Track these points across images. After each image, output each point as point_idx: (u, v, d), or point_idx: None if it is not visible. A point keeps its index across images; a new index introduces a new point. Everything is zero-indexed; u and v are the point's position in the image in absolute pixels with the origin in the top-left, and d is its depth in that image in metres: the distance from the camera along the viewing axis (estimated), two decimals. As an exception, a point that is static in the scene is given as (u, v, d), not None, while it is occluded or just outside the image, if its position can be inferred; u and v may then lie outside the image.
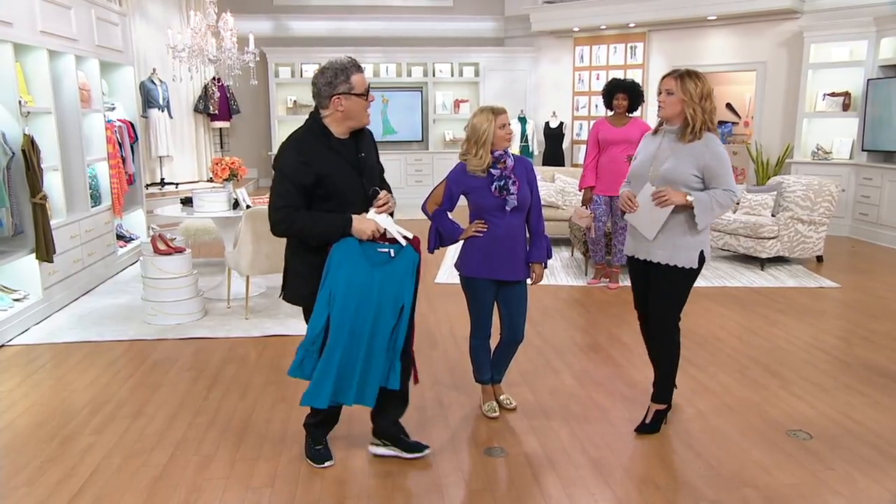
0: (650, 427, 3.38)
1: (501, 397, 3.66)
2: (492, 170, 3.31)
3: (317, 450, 3.09)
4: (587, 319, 5.27)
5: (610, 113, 6.06)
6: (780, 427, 3.41)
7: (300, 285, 2.90)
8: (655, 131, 3.38)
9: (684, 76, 3.14)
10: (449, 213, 3.48)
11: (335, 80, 2.74)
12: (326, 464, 3.06)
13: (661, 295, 3.30)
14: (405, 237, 2.85)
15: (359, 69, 2.79)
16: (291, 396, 3.81)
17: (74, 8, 5.79)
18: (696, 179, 3.13)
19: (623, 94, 5.88)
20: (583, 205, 6.16)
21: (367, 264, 2.78)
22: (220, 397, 3.82)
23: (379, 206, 2.83)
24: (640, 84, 6.62)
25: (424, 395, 3.83)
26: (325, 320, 2.76)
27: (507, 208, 3.29)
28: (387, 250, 2.82)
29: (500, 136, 3.30)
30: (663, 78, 3.26)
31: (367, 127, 2.96)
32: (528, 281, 3.47)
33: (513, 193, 3.29)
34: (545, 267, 3.47)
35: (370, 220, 2.77)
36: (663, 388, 3.41)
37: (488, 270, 3.37)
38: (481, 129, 3.29)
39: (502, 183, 3.28)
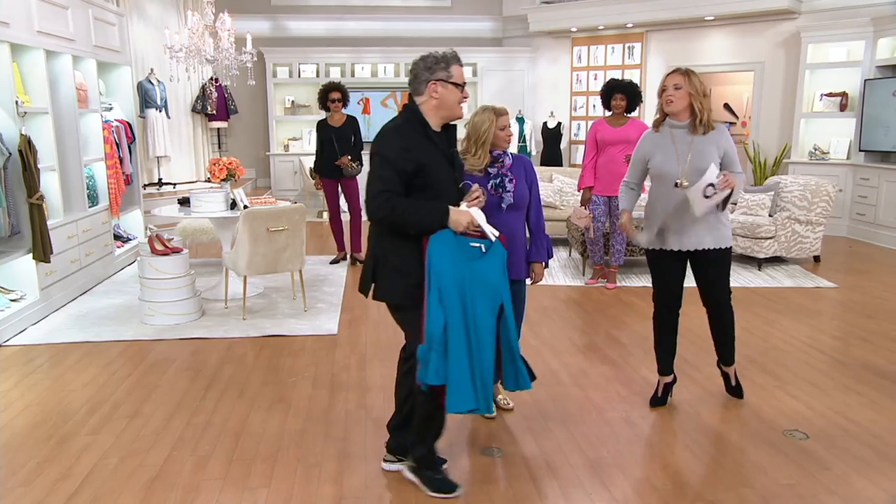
0: (740, 389, 3.72)
1: (499, 397, 3.66)
2: (489, 168, 3.31)
3: (439, 479, 2.87)
4: (585, 320, 5.27)
5: (608, 113, 6.06)
6: (776, 427, 3.41)
7: (396, 280, 2.72)
8: (657, 128, 3.42)
9: (690, 72, 3.35)
10: None
11: (435, 66, 2.71)
12: (458, 491, 2.83)
13: (719, 277, 3.57)
14: (493, 234, 2.75)
15: (459, 62, 2.76)
16: (289, 397, 3.82)
17: (71, 8, 5.78)
18: (718, 166, 3.36)
19: (621, 95, 5.88)
20: (581, 205, 6.17)
21: (464, 258, 2.66)
22: (217, 397, 3.82)
23: (472, 200, 2.79)
24: (638, 84, 6.62)
25: (422, 396, 3.82)
26: (443, 318, 2.60)
27: (503, 206, 3.29)
28: (478, 245, 2.71)
29: (501, 137, 3.31)
30: (669, 74, 3.38)
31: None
32: (528, 281, 3.47)
33: (509, 191, 3.29)
34: (546, 266, 3.47)
35: (466, 212, 2.68)
36: (734, 351, 3.72)
37: None
38: (482, 129, 3.30)
39: (498, 181, 3.29)
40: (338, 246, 7.24)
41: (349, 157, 6.86)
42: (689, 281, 3.63)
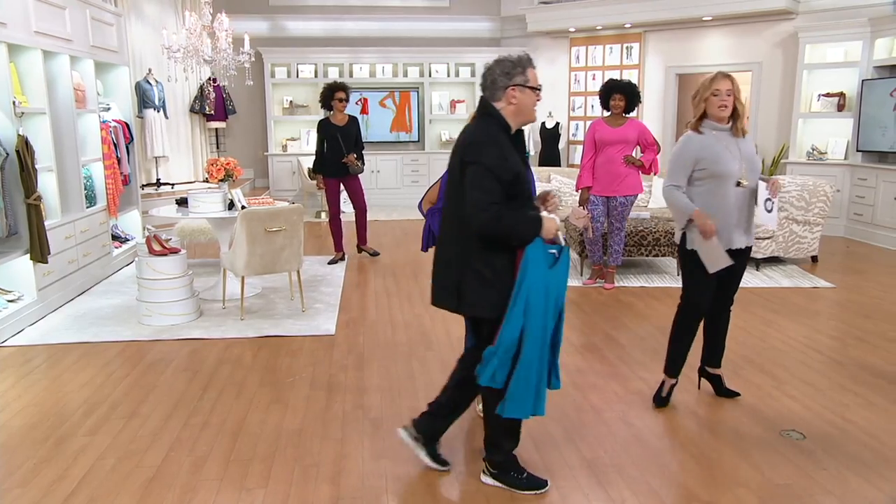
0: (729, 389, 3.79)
1: None
2: None
3: (526, 478, 2.88)
4: (582, 320, 5.28)
5: (606, 113, 6.07)
6: (773, 427, 3.41)
7: (487, 293, 2.67)
8: (698, 131, 3.42)
9: (733, 77, 3.40)
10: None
11: (513, 71, 2.67)
12: (549, 485, 2.88)
13: (740, 275, 3.63)
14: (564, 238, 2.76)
15: (533, 64, 2.74)
16: (286, 397, 3.82)
17: (69, 8, 5.78)
18: None
19: (620, 95, 5.89)
20: (580, 205, 6.17)
21: (545, 266, 2.65)
22: (214, 398, 3.82)
23: (551, 207, 2.79)
24: (637, 85, 6.63)
25: (418, 396, 3.83)
26: (521, 328, 2.62)
27: None
28: (554, 251, 2.69)
29: None
30: (718, 79, 3.37)
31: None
32: None
33: None
34: None
35: (552, 220, 2.66)
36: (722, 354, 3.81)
37: None
38: None
39: None
40: (336, 246, 7.26)
41: (355, 155, 6.89)
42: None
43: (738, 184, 3.40)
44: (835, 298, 5.79)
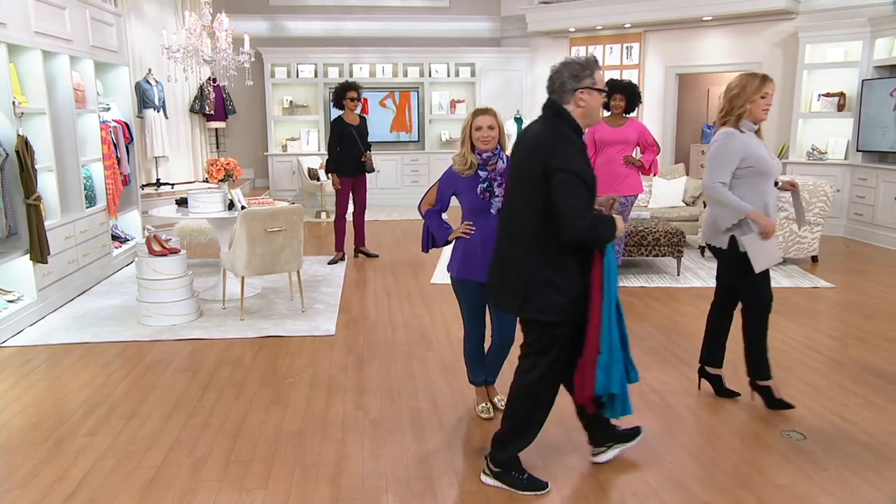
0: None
1: (496, 398, 3.66)
2: (479, 171, 3.28)
3: (527, 479, 2.90)
4: (582, 320, 5.27)
5: (607, 114, 6.06)
6: (773, 427, 3.41)
7: (557, 298, 2.66)
8: (740, 129, 3.42)
9: None
10: (443, 214, 3.48)
11: (581, 74, 2.66)
12: (549, 488, 2.90)
13: None
14: None
15: (599, 66, 2.73)
16: (286, 398, 3.82)
17: (69, 8, 5.78)
18: None
19: (621, 95, 5.89)
20: None
21: (615, 265, 2.74)
22: (214, 398, 3.82)
23: (612, 208, 2.86)
24: (637, 85, 6.63)
25: (418, 396, 3.83)
26: (618, 326, 2.72)
27: (492, 211, 3.26)
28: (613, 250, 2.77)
29: (476, 137, 3.25)
30: (767, 82, 3.39)
31: None
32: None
33: (497, 196, 3.25)
34: None
35: (619, 219, 2.72)
36: None
37: (475, 272, 3.31)
38: (462, 129, 3.32)
39: (486, 185, 3.25)
40: (338, 246, 7.25)
41: (371, 154, 7.05)
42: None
43: (776, 183, 3.43)
44: (835, 298, 5.79)
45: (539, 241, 2.66)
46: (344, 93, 6.92)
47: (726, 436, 3.36)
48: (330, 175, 7.03)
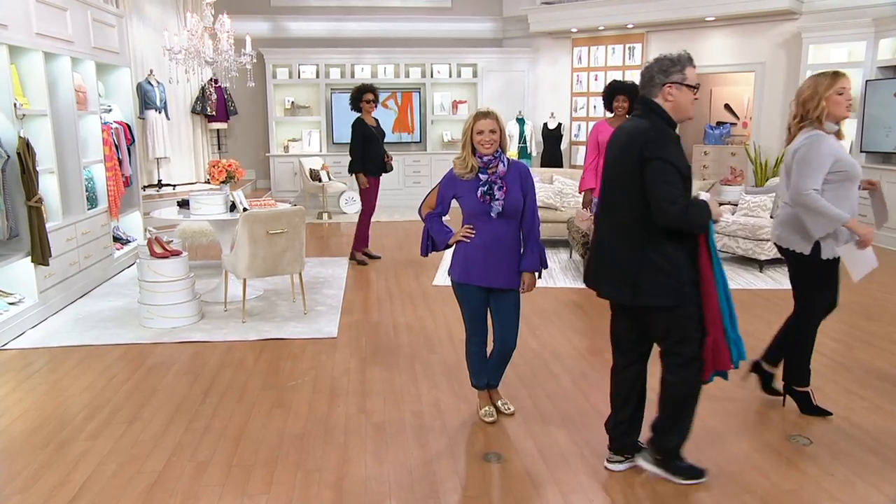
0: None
1: (499, 402, 3.64)
2: (480, 174, 3.25)
3: (687, 467, 2.95)
4: (585, 323, 5.25)
5: (610, 115, 6.03)
6: (779, 432, 3.39)
7: (666, 282, 2.71)
8: (825, 131, 3.34)
9: None
10: (444, 217, 3.46)
11: (671, 69, 2.72)
12: (706, 477, 2.94)
13: None
14: None
15: (693, 63, 2.78)
16: (288, 401, 3.79)
17: (70, 10, 5.76)
18: None
19: (624, 96, 5.81)
20: (583, 207, 6.16)
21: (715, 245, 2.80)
22: (216, 402, 3.80)
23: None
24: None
25: (422, 400, 3.81)
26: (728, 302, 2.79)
27: (492, 214, 3.24)
28: None
29: (477, 140, 3.22)
30: (841, 78, 3.34)
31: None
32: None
33: (498, 199, 3.22)
34: (539, 276, 3.40)
35: (715, 202, 2.78)
36: None
37: (476, 276, 3.31)
38: (463, 132, 3.30)
39: (486, 188, 3.22)
40: (364, 244, 7.32)
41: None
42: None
43: (860, 186, 3.36)
44: (840, 300, 5.74)
45: (641, 229, 2.72)
46: (361, 95, 6.97)
47: (732, 439, 3.33)
48: (357, 175, 7.07)
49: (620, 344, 3.08)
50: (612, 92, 5.93)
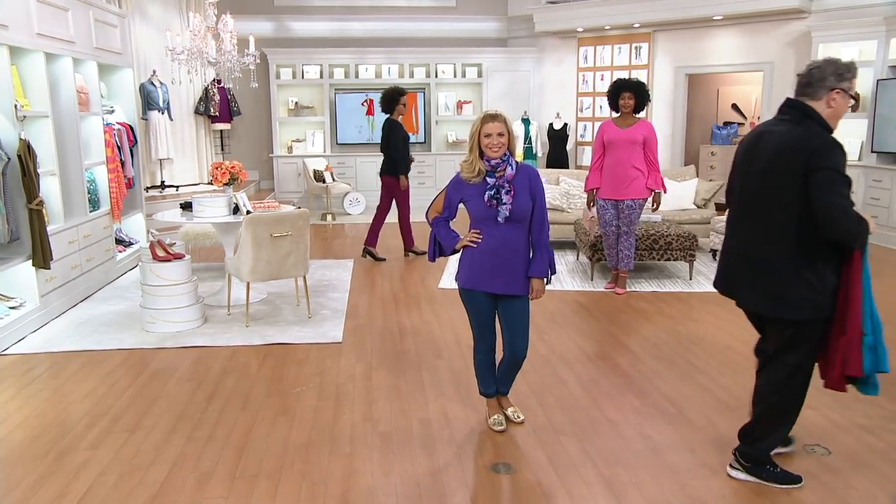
0: None
1: (509, 410, 3.56)
2: (487, 178, 3.17)
3: (783, 473, 2.92)
4: (594, 326, 5.16)
5: (616, 114, 5.95)
6: (797, 441, 3.29)
7: (814, 297, 2.68)
8: None
9: None
10: (451, 222, 3.38)
11: (846, 74, 2.71)
12: (802, 482, 2.91)
13: None
14: None
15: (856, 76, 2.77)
16: (293, 409, 3.72)
17: (72, 10, 5.70)
18: None
19: (629, 94, 5.76)
20: (587, 206, 6.11)
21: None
22: (219, 409, 3.72)
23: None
24: (646, 83, 6.51)
25: (429, 408, 3.73)
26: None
27: (499, 219, 3.16)
28: None
29: (485, 144, 3.13)
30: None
31: None
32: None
33: (505, 203, 3.14)
34: (548, 282, 3.31)
35: (871, 219, 2.71)
36: None
37: (483, 282, 3.23)
38: (470, 134, 3.21)
39: (493, 192, 3.14)
40: (411, 242, 7.60)
41: None
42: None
43: None
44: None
45: (795, 241, 2.66)
46: (400, 97, 7.18)
47: (748, 450, 3.24)
48: (401, 177, 7.33)
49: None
50: (618, 90, 5.87)
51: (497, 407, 3.53)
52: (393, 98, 7.15)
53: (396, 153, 7.17)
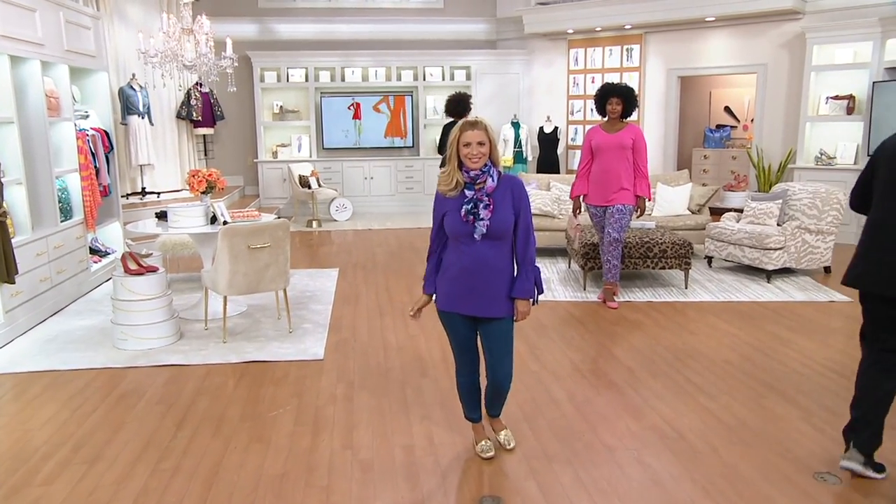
0: None
1: (501, 435, 3.32)
2: (466, 190, 2.89)
3: (878, 462, 2.98)
4: (587, 339, 4.95)
5: (603, 119, 5.73)
6: (805, 468, 3.09)
7: None
8: None
9: None
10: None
11: None
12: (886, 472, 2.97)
13: None
14: None
15: None
16: (268, 435, 3.48)
17: (40, 10, 5.43)
18: None
19: (617, 98, 5.55)
20: (572, 213, 5.90)
21: None
22: (189, 436, 3.48)
23: None
24: (637, 88, 6.31)
25: (412, 431, 3.50)
26: None
27: (476, 236, 2.88)
28: None
29: (464, 154, 2.87)
30: None
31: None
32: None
33: (482, 219, 2.86)
34: (535, 302, 3.04)
35: None
36: None
37: (460, 304, 2.99)
38: (448, 143, 2.93)
39: (470, 206, 2.87)
40: None
41: None
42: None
43: None
44: (853, 314, 5.45)
45: None
46: (468, 102, 7.38)
47: (753, 479, 3.03)
48: None
49: None
50: (605, 94, 5.65)
51: (483, 433, 3.30)
52: (463, 103, 7.38)
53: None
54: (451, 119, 7.52)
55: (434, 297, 3.12)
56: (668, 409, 3.73)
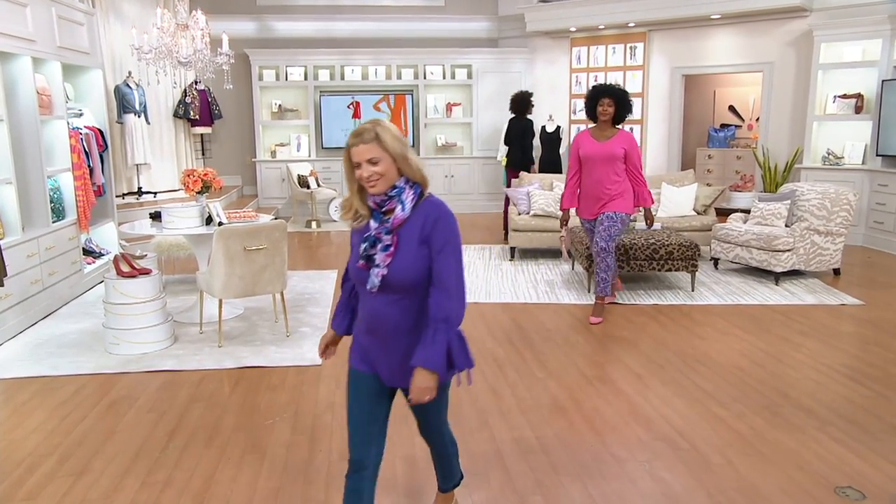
0: None
1: None
2: (372, 221, 2.12)
3: None
4: (593, 345, 4.80)
5: (592, 124, 5.32)
6: (825, 483, 2.95)
7: None
8: None
9: None
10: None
11: None
12: None
13: None
14: None
15: None
16: (263, 445, 3.34)
17: (31, 6, 5.29)
18: None
19: (609, 99, 5.10)
20: (560, 225, 5.54)
21: None
22: (182, 446, 3.34)
23: None
24: (641, 87, 6.08)
25: (414, 442, 3.34)
26: None
27: (368, 286, 2.10)
28: None
29: (357, 175, 2.08)
30: None
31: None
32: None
33: (379, 266, 2.08)
34: (444, 378, 2.14)
35: None
36: None
37: (366, 363, 2.29)
38: (343, 160, 2.15)
39: (367, 244, 2.10)
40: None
41: None
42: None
43: None
44: (865, 317, 5.33)
45: None
46: (529, 100, 8.36)
47: (770, 493, 2.89)
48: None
49: None
50: (597, 95, 5.18)
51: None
52: (527, 101, 8.32)
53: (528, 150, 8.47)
54: (513, 115, 8.37)
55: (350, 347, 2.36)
56: (678, 419, 3.59)
